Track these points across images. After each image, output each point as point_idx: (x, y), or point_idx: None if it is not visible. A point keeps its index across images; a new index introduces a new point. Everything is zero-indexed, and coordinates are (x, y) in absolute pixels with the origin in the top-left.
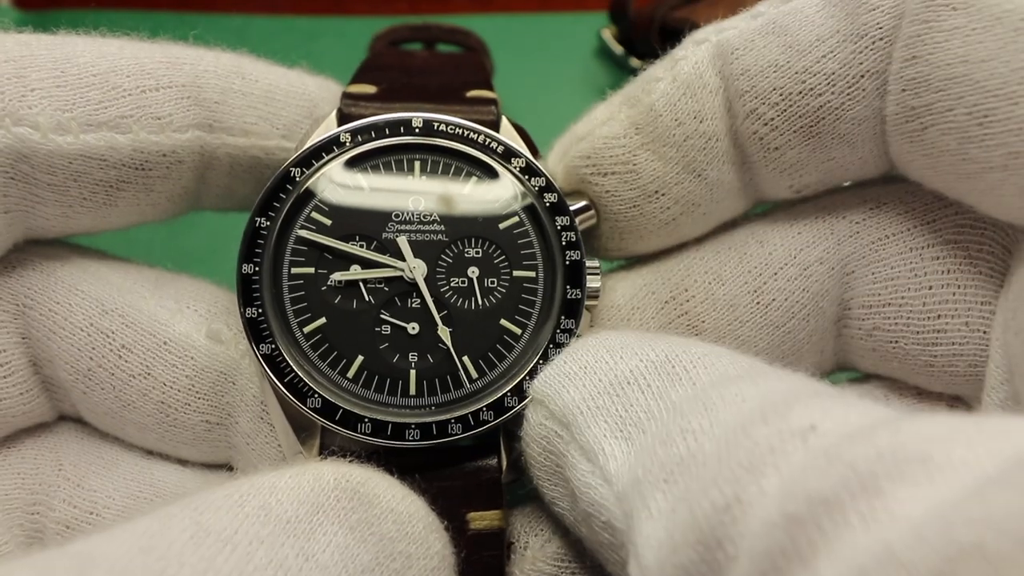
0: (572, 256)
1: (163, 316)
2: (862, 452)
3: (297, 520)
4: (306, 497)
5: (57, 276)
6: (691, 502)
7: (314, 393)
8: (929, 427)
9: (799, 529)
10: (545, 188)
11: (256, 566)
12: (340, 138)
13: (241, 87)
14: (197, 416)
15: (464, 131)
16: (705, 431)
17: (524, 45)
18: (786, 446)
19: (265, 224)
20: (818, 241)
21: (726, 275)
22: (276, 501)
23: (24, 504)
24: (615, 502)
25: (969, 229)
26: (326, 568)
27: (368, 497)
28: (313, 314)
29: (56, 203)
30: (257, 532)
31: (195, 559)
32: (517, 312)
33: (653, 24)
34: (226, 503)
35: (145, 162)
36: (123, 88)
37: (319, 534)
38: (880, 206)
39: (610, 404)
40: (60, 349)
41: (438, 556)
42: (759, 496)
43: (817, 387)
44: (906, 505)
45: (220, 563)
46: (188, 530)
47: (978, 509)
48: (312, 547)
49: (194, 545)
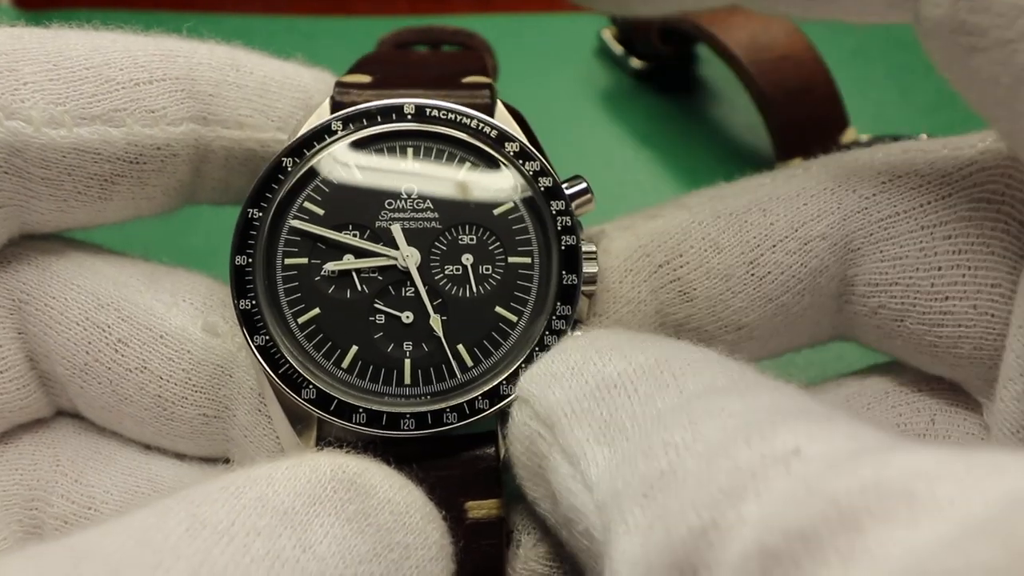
0: (568, 241)
1: (159, 310)
2: (845, 485)
3: (294, 511)
4: (303, 488)
5: (53, 271)
6: (668, 522)
7: (308, 384)
8: (917, 461)
9: (774, 564)
10: (540, 172)
11: (253, 558)
12: (332, 126)
13: (236, 79)
14: (194, 409)
15: (456, 116)
16: (688, 446)
17: (524, 45)
18: (768, 472)
19: (257, 215)
20: (823, 215)
21: (723, 244)
22: (273, 492)
23: (22, 500)
24: (595, 510)
25: (985, 204)
26: (323, 559)
27: (365, 488)
28: (307, 304)
29: (50, 197)
30: (254, 524)
31: (191, 551)
32: (512, 299)
33: (653, 24)
34: (222, 495)
35: (139, 155)
36: (116, 81)
37: (316, 525)
38: (894, 179)
39: (595, 408)
40: (56, 344)
41: (436, 546)
42: (737, 523)
43: (805, 405)
44: (886, 546)
45: (216, 555)
46: (184, 523)
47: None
48: (309, 538)
49: (190, 537)
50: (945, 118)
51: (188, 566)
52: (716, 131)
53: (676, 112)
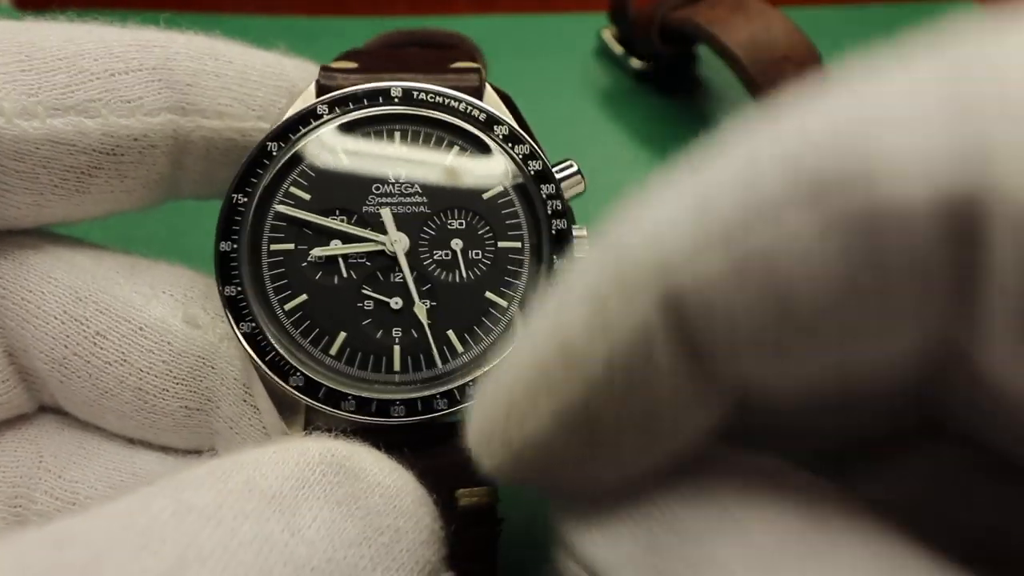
0: (558, 225)
1: (138, 301)
2: None
3: (282, 495)
4: (291, 472)
5: (30, 264)
6: None
7: (296, 371)
8: None
9: None
10: (529, 156)
11: (240, 541)
12: (317, 110)
13: (214, 68)
14: (176, 402)
15: (445, 99)
16: None
17: (524, 45)
18: None
19: (243, 201)
20: None
21: None
22: (261, 476)
23: (5, 497)
24: None
25: None
26: (312, 543)
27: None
28: (294, 291)
29: (26, 191)
30: (242, 507)
31: (177, 535)
32: (503, 284)
33: (653, 24)
34: (209, 479)
35: (116, 147)
36: (90, 72)
37: (305, 509)
38: None
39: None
40: (34, 338)
41: (427, 529)
42: None
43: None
44: None
45: (203, 539)
46: (170, 507)
47: None
48: (298, 522)
49: (176, 521)
50: None
51: (174, 549)
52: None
53: (676, 112)
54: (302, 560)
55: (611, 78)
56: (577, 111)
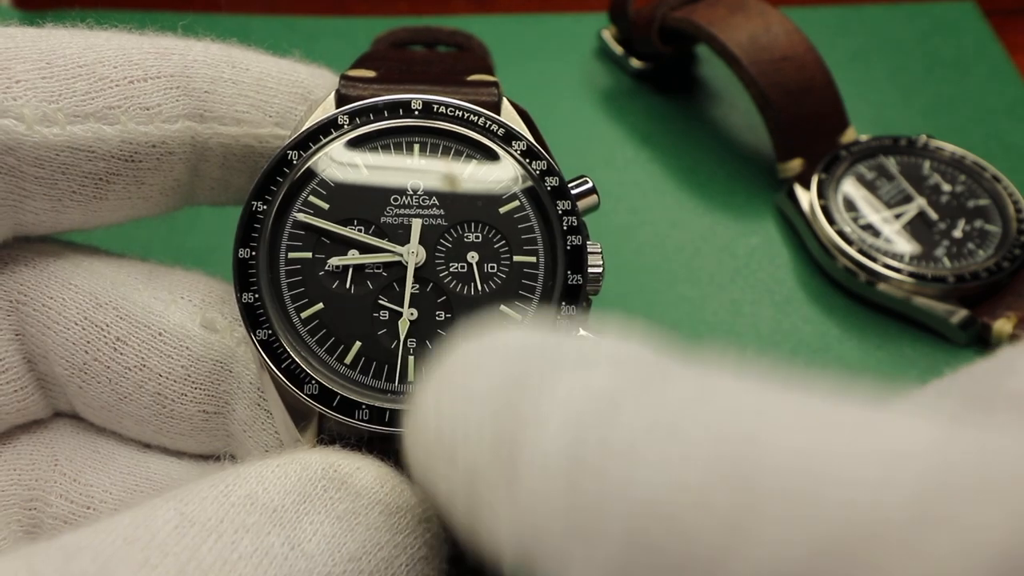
0: (574, 241)
1: (157, 307)
2: None
3: (283, 509)
4: (293, 486)
5: (50, 271)
6: None
7: (311, 379)
8: None
9: None
10: (546, 171)
11: (241, 555)
12: (338, 120)
13: (231, 76)
14: (194, 406)
15: (464, 113)
16: None
17: (524, 45)
18: None
19: (262, 208)
20: None
21: None
22: (263, 490)
23: (21, 500)
24: None
25: None
26: (312, 557)
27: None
28: (311, 299)
29: (45, 197)
30: (243, 521)
31: (178, 548)
32: (517, 298)
33: (653, 24)
34: (211, 493)
35: (134, 153)
36: (110, 79)
37: (306, 523)
38: None
39: None
40: (55, 344)
41: (427, 546)
42: None
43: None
44: None
45: (204, 552)
46: (172, 520)
47: None
48: (298, 536)
49: (178, 534)
50: (944, 120)
51: (176, 563)
52: (716, 131)
53: (676, 112)
54: (301, 573)
55: (611, 78)
56: (577, 111)
